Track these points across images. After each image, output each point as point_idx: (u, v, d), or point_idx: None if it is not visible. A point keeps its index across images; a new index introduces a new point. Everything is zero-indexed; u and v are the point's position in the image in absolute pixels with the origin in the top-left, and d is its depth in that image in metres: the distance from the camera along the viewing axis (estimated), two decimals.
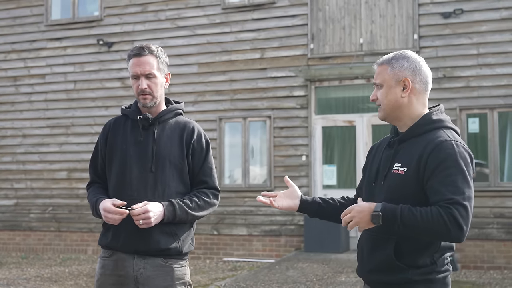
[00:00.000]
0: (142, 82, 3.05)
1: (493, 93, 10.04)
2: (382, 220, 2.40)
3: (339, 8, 11.00)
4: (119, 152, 3.09)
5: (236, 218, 11.25)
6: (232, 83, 11.51)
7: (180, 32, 11.85)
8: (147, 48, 3.08)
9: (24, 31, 12.91)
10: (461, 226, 2.33)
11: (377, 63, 2.68)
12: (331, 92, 11.22)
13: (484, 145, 10.15)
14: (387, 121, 2.67)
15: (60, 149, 12.50)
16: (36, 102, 12.73)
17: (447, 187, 2.38)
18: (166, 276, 3.01)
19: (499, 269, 9.74)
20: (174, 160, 3.06)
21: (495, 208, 9.86)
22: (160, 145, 3.06)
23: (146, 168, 3.04)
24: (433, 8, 10.45)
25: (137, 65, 3.06)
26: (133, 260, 3.01)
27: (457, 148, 2.45)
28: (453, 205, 2.34)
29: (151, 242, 2.98)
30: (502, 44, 10.08)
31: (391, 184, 2.54)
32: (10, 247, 12.72)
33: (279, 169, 11.15)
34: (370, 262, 2.59)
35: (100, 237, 3.14)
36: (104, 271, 3.07)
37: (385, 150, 2.67)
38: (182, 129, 3.13)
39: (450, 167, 2.41)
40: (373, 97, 2.67)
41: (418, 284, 2.49)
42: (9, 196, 12.80)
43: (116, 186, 3.07)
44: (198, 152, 3.12)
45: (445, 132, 2.54)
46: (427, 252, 2.49)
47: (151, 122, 3.10)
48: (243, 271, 9.81)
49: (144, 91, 3.06)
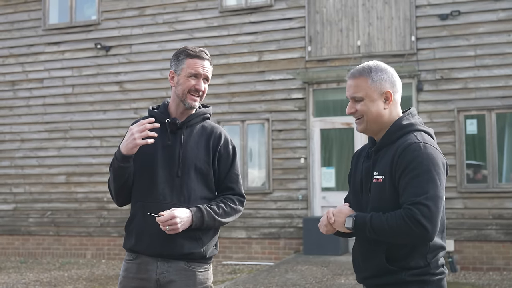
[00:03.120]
0: (201, 83, 3.05)
1: (491, 95, 10.06)
2: (353, 224, 2.50)
3: (337, 11, 11.02)
4: (147, 155, 3.05)
5: (235, 221, 11.24)
6: (230, 86, 11.52)
7: (177, 35, 11.86)
8: (207, 54, 3.09)
9: (22, 36, 12.92)
10: (423, 225, 2.37)
11: (352, 75, 2.67)
12: (329, 94, 11.23)
13: (482, 147, 10.16)
14: (367, 133, 2.70)
15: (59, 153, 12.50)
16: (34, 107, 12.73)
17: (412, 189, 2.43)
18: (188, 280, 3.00)
19: (498, 270, 9.75)
20: (200, 165, 3.05)
21: (494, 210, 9.86)
22: (187, 150, 3.05)
23: (172, 173, 3.02)
24: (430, 10, 10.47)
25: (200, 66, 3.05)
26: (157, 264, 3.00)
27: (424, 149, 2.49)
28: (414, 205, 2.39)
29: (175, 246, 2.96)
30: (499, 45, 10.10)
31: (374, 193, 2.59)
32: (9, 251, 12.71)
33: (277, 172, 11.15)
34: (365, 269, 2.64)
35: (124, 241, 3.12)
36: (127, 274, 3.06)
37: (364, 161, 2.71)
38: (209, 134, 3.11)
39: (415, 169, 2.45)
40: (351, 110, 2.68)
41: (411, 284, 2.51)
42: (7, 201, 12.78)
43: (142, 189, 3.05)
44: (225, 158, 3.11)
45: (414, 135, 2.58)
46: (418, 254, 2.51)
47: (179, 126, 3.07)
48: (243, 274, 9.81)
49: (198, 92, 3.06)
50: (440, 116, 10.23)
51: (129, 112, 12.04)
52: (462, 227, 9.94)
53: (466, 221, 9.94)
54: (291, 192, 11.03)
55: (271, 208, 11.11)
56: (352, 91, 2.65)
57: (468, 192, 10.01)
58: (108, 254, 12.03)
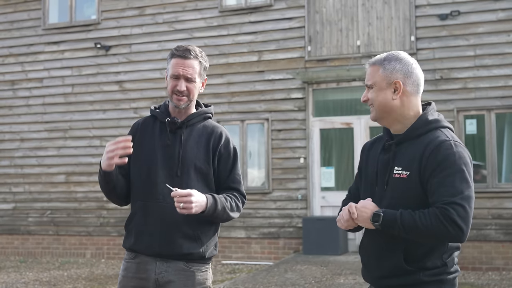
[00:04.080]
0: (181, 83, 3.03)
1: (490, 95, 10.06)
2: (382, 220, 2.41)
3: (336, 11, 11.02)
4: (147, 154, 3.06)
5: (235, 221, 11.24)
6: (230, 86, 11.52)
7: (177, 35, 11.86)
8: (193, 51, 3.05)
9: (21, 35, 12.92)
10: (459, 226, 2.33)
11: (369, 63, 2.65)
12: (328, 94, 11.24)
13: (481, 147, 10.17)
14: (379, 122, 2.64)
15: (58, 152, 12.50)
16: (34, 106, 12.73)
17: (445, 188, 2.37)
18: (187, 280, 2.99)
19: (497, 270, 9.75)
20: (200, 164, 3.03)
21: (493, 209, 9.87)
22: (187, 150, 3.03)
23: (172, 172, 3.01)
24: (429, 10, 10.48)
25: (181, 66, 3.02)
26: (156, 263, 2.99)
27: (455, 148, 2.44)
28: (449, 205, 2.34)
29: (174, 246, 2.95)
30: (498, 45, 10.10)
31: (395, 188, 2.52)
32: (9, 251, 12.71)
33: (277, 172, 11.16)
34: (379, 269, 2.57)
35: (124, 240, 3.11)
36: (127, 273, 3.05)
37: (381, 153, 2.64)
38: (210, 134, 3.09)
39: (448, 168, 2.40)
40: (364, 98, 2.65)
41: (428, 285, 2.48)
42: (7, 200, 12.78)
43: (141, 188, 3.04)
44: (225, 157, 3.08)
45: (443, 132, 2.53)
46: (436, 254, 2.48)
47: (179, 125, 3.07)
48: (242, 273, 9.81)
49: (182, 93, 3.04)
50: None
51: (128, 112, 12.04)
52: None
53: None
54: (291, 192, 11.03)
55: (271, 208, 11.11)
56: (367, 78, 2.64)
57: None
58: (107, 254, 12.03)
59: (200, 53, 3.09)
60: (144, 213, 3.01)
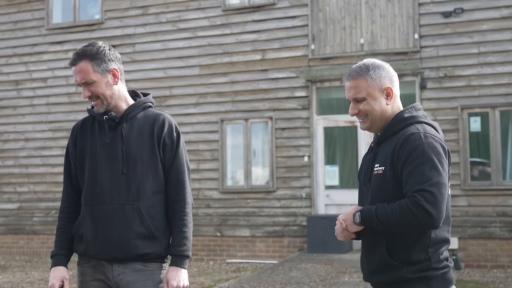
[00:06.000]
0: (84, 91, 2.91)
1: (495, 92, 10.04)
2: (360, 218, 2.51)
3: (340, 9, 11.01)
4: (89, 156, 2.95)
5: (239, 220, 11.26)
6: (234, 85, 11.53)
7: (181, 34, 11.87)
8: (80, 53, 2.90)
9: (25, 35, 12.95)
10: (427, 211, 2.36)
11: (351, 76, 2.67)
12: (332, 92, 11.23)
13: (486, 144, 10.15)
14: (372, 131, 2.73)
15: (63, 152, 12.50)
16: (38, 106, 12.76)
17: (415, 177, 2.43)
18: (146, 280, 2.91)
19: (502, 268, 9.74)
20: (146, 157, 2.92)
21: (498, 207, 9.86)
22: (130, 144, 2.92)
23: (117, 171, 2.90)
24: (433, 7, 10.46)
25: (74, 75, 2.92)
26: (111, 267, 2.91)
27: (425, 139, 2.50)
28: (418, 192, 2.39)
29: (129, 247, 2.87)
30: (502, 42, 10.08)
31: (374, 184, 2.61)
32: (14, 250, 12.75)
33: (281, 170, 11.16)
34: (369, 264, 2.64)
35: (75, 245, 3.01)
36: (84, 277, 3.00)
37: (367, 154, 2.76)
38: (153, 123, 2.96)
39: (417, 158, 2.46)
40: (354, 111, 2.70)
41: (415, 282, 2.49)
42: (12, 200, 12.82)
43: (88, 193, 2.94)
44: (169, 146, 2.96)
45: (416, 126, 2.59)
46: (419, 247, 2.50)
47: (119, 120, 2.94)
48: (247, 272, 9.82)
49: (90, 98, 2.92)
50: (443, 114, 10.22)
51: None
52: (466, 224, 9.94)
53: (470, 219, 9.94)
54: (295, 190, 11.03)
55: (275, 206, 11.12)
56: (353, 92, 2.67)
57: (472, 189, 10.00)
58: None
59: (91, 48, 2.91)
60: (92, 217, 2.92)
